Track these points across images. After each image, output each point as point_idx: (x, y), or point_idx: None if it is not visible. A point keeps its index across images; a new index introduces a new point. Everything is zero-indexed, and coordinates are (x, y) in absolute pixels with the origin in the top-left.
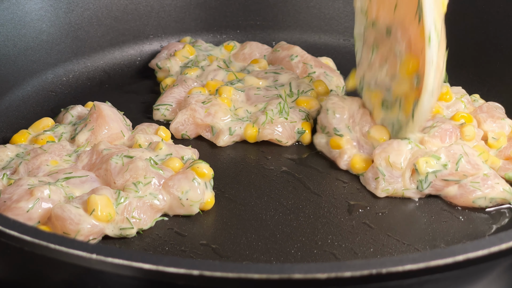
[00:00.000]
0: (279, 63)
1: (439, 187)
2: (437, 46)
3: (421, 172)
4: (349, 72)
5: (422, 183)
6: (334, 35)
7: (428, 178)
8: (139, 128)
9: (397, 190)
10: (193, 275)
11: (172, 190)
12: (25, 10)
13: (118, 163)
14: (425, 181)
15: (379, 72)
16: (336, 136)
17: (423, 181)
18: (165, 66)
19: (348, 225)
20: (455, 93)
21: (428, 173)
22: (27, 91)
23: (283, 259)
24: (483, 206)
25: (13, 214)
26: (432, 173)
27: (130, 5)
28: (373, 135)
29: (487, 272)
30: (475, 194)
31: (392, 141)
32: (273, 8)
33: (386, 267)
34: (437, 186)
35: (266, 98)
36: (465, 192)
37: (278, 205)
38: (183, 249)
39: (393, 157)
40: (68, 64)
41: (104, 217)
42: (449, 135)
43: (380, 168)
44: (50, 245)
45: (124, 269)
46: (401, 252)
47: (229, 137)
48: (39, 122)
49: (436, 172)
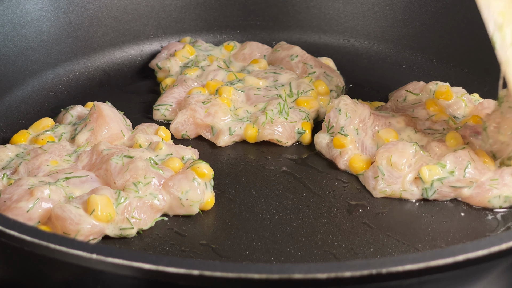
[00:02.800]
0: (279, 63)
1: (446, 193)
2: (504, 44)
3: (425, 181)
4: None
5: (427, 191)
6: (334, 35)
7: (434, 185)
8: (139, 128)
9: (395, 191)
10: (193, 275)
11: (172, 190)
12: (25, 10)
13: (118, 163)
14: (431, 188)
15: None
16: (341, 135)
17: (428, 189)
18: (165, 66)
19: (348, 225)
20: (455, 93)
21: (434, 180)
22: (27, 91)
23: (283, 259)
24: (496, 206)
25: (13, 214)
26: (437, 180)
27: (130, 5)
28: (381, 134)
29: (487, 272)
30: (491, 193)
31: (398, 142)
32: (273, 8)
33: (386, 267)
34: (444, 192)
35: (266, 98)
36: (482, 191)
37: (278, 205)
38: (183, 249)
39: (395, 158)
40: (68, 64)
41: (104, 217)
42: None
43: (381, 167)
44: (50, 245)
45: (124, 269)
46: (401, 252)
47: (229, 137)
48: (39, 122)
49: (442, 179)
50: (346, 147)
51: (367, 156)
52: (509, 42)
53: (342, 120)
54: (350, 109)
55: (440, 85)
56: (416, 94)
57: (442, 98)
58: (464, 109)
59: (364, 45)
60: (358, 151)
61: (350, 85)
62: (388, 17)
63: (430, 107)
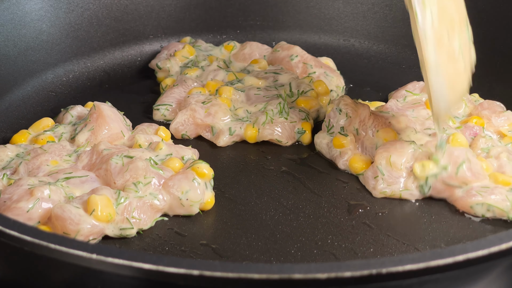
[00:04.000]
0: (279, 63)
1: (441, 189)
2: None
3: (418, 176)
4: (349, 72)
5: (423, 188)
6: (334, 35)
7: (428, 181)
8: (139, 128)
9: (395, 192)
10: (193, 275)
11: (172, 190)
12: (25, 10)
13: (118, 163)
14: (426, 184)
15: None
16: (340, 135)
17: (424, 186)
18: (165, 66)
19: (348, 225)
20: None
21: (428, 176)
22: (27, 91)
23: (283, 259)
24: (478, 214)
25: (13, 214)
26: (432, 176)
27: (130, 5)
28: (380, 134)
29: (487, 272)
30: (474, 199)
31: (396, 142)
32: (273, 8)
33: (386, 267)
34: (439, 188)
35: (266, 98)
36: (467, 195)
37: (278, 205)
38: (183, 249)
39: (394, 157)
40: (68, 64)
41: (104, 217)
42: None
43: (380, 167)
44: (50, 245)
45: (124, 269)
46: (401, 252)
47: (229, 137)
48: (39, 122)
49: (436, 175)
50: (346, 147)
51: (367, 156)
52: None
53: (342, 120)
54: (350, 109)
55: None
56: (416, 94)
57: None
58: (464, 109)
59: (364, 45)
60: (358, 151)
61: (350, 85)
62: (388, 17)
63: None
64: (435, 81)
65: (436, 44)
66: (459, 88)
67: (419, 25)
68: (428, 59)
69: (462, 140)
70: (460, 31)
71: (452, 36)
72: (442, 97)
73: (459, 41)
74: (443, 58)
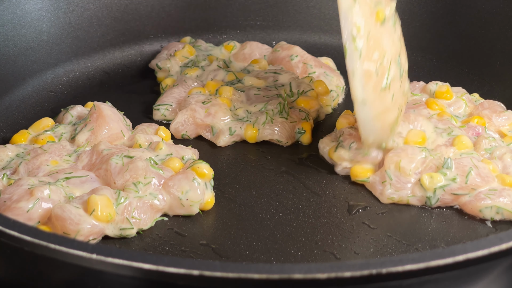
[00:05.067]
0: (279, 63)
1: (448, 200)
2: (353, 55)
3: (427, 188)
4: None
5: (430, 199)
6: (334, 35)
7: (436, 193)
8: (139, 128)
9: (402, 197)
10: (193, 275)
11: (172, 190)
12: (25, 10)
13: (118, 163)
14: (434, 196)
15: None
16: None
17: (431, 197)
18: (165, 66)
19: (348, 225)
20: (455, 93)
21: (436, 188)
22: (27, 91)
23: (283, 259)
24: (487, 217)
25: (13, 214)
26: (440, 188)
27: (130, 5)
28: (409, 136)
29: (487, 272)
30: (483, 202)
31: (407, 147)
32: (273, 8)
33: (386, 267)
34: (446, 200)
35: (266, 98)
36: (475, 199)
37: (278, 205)
38: (183, 249)
39: (404, 163)
40: (68, 64)
41: (104, 217)
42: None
43: (388, 171)
44: (50, 245)
45: (124, 269)
46: (401, 252)
47: (229, 137)
48: (39, 122)
49: (444, 187)
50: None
51: (369, 165)
52: (357, 55)
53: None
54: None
55: (440, 85)
56: (416, 95)
57: (442, 98)
58: (465, 109)
59: None
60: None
61: None
62: None
63: (431, 107)
64: (361, 112)
65: (363, 79)
66: (387, 120)
67: (347, 59)
68: (355, 92)
69: (467, 142)
70: (392, 66)
71: (382, 72)
72: (369, 128)
73: (388, 76)
74: (370, 92)
